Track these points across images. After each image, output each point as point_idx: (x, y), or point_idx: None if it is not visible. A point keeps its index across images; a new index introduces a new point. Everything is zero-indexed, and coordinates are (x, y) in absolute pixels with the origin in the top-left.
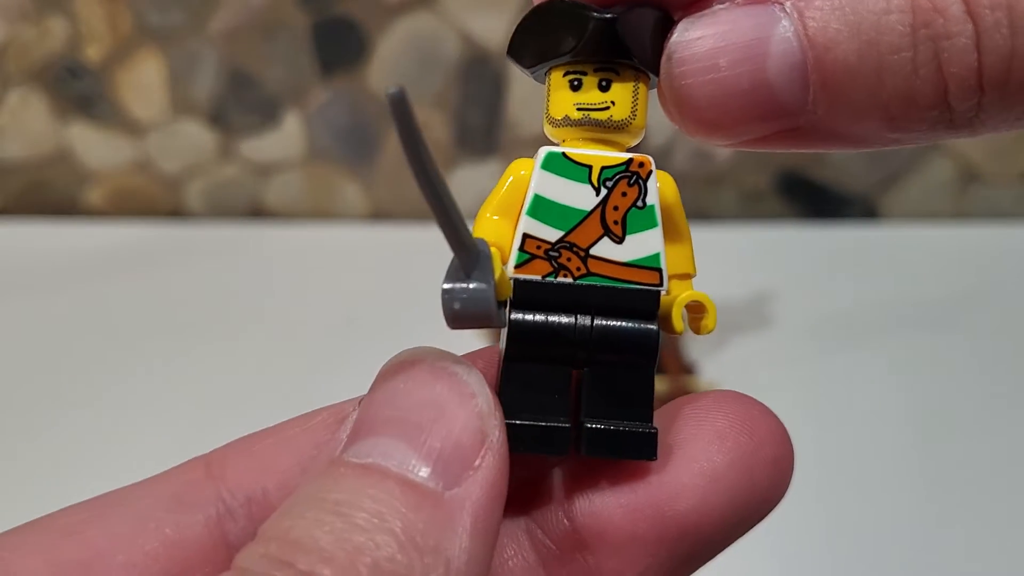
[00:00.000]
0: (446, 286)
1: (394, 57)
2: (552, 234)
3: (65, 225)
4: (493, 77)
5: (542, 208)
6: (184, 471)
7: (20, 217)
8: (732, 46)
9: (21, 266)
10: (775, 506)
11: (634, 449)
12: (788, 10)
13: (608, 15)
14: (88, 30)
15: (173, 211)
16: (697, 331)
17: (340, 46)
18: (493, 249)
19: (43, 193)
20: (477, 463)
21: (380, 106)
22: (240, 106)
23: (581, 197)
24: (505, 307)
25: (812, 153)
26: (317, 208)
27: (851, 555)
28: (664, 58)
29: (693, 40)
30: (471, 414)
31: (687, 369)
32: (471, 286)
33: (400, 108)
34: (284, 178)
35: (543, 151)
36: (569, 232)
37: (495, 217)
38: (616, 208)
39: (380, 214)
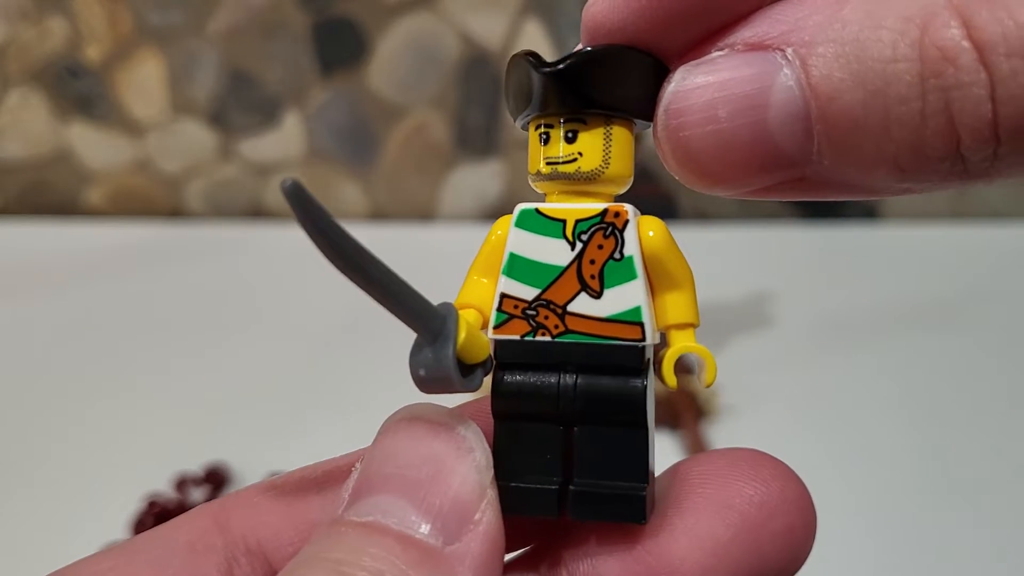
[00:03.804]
0: (410, 356)
1: (394, 57)
2: (529, 292)
3: (65, 225)
4: (493, 77)
5: (518, 266)
6: (194, 519)
7: (20, 217)
8: (732, 96)
9: (21, 266)
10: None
11: (622, 512)
12: (790, 57)
13: (558, 66)
14: (88, 30)
15: (173, 211)
16: (701, 383)
17: (340, 46)
18: (464, 312)
19: (43, 193)
20: (477, 517)
21: (380, 106)
22: (240, 106)
23: (556, 253)
24: (481, 368)
25: None
26: None
27: (851, 554)
28: (660, 108)
29: (691, 90)
30: (470, 468)
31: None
32: (430, 354)
33: (298, 199)
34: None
35: (517, 208)
36: (545, 289)
37: (481, 279)
38: (593, 262)
39: (379, 214)
